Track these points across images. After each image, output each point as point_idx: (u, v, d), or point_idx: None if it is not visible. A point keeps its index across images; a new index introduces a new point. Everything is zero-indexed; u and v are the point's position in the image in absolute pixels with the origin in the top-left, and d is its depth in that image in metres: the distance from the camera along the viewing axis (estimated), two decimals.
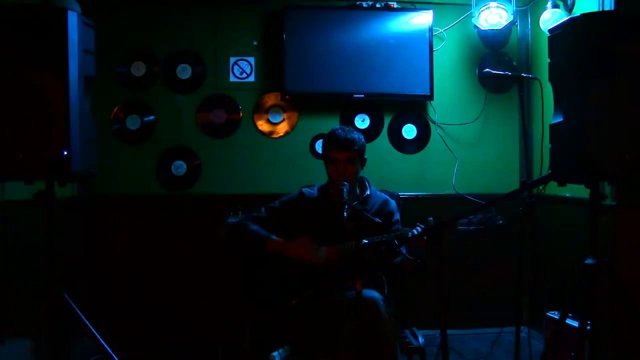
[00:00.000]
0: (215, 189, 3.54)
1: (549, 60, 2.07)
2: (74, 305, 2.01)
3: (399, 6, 3.54)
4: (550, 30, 2.08)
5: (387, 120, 3.64)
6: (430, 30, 3.52)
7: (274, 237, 2.43)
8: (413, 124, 3.65)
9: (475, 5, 3.45)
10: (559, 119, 1.99)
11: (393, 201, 2.62)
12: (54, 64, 1.92)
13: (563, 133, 1.97)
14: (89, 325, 2.03)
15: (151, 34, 3.53)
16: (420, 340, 2.43)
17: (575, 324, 2.36)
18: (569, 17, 2.00)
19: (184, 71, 3.53)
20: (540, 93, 2.64)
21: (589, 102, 1.88)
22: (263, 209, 2.55)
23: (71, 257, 3.26)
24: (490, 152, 3.70)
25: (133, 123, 3.51)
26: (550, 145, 2.05)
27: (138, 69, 3.51)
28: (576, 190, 2.93)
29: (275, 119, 3.58)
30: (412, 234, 2.28)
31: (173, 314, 3.47)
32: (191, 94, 3.54)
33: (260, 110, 3.58)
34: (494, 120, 3.70)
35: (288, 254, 2.38)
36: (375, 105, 3.63)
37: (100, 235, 3.49)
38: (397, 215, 2.58)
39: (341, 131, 2.47)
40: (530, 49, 3.70)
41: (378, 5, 3.51)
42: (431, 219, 2.28)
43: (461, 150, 3.65)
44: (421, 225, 2.29)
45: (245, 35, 3.55)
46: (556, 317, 2.79)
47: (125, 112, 3.51)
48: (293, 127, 3.59)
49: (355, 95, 3.48)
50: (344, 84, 3.48)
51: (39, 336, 2.51)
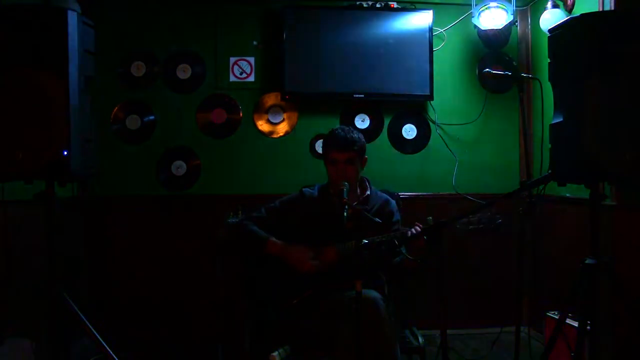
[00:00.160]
0: (215, 189, 3.54)
1: (549, 60, 2.07)
2: (73, 305, 2.01)
3: (399, 6, 3.54)
4: (550, 30, 2.08)
5: (387, 120, 3.64)
6: (430, 30, 3.52)
7: (273, 239, 2.42)
8: (413, 124, 3.65)
9: (475, 5, 3.45)
10: (559, 119, 1.99)
11: (393, 201, 2.61)
12: (54, 64, 1.92)
13: (563, 133, 1.97)
14: (89, 325, 2.03)
15: (151, 34, 3.53)
16: (420, 340, 2.42)
17: (575, 324, 2.36)
18: (569, 17, 2.01)
19: (184, 71, 3.53)
20: (540, 93, 2.63)
21: (589, 102, 1.88)
22: (263, 209, 2.55)
23: (71, 257, 3.26)
24: (490, 152, 3.70)
25: (133, 123, 3.51)
26: (550, 145, 2.05)
27: (138, 69, 3.51)
28: (576, 190, 2.93)
29: (275, 119, 3.58)
30: (412, 233, 2.28)
31: (173, 314, 3.47)
32: (191, 94, 3.54)
33: (260, 110, 3.57)
34: (493, 120, 3.70)
35: (285, 258, 2.38)
36: (375, 105, 3.63)
37: (100, 235, 3.49)
38: (398, 215, 2.58)
39: (341, 131, 2.47)
40: (530, 49, 3.70)
41: (378, 5, 3.51)
42: (430, 218, 2.27)
43: (461, 150, 3.65)
44: (421, 225, 2.29)
45: (245, 35, 3.55)
46: (556, 317, 2.79)
47: (125, 112, 3.51)
48: (293, 127, 3.59)
49: (355, 95, 3.48)
50: (344, 84, 3.48)
51: (39, 336, 2.51)
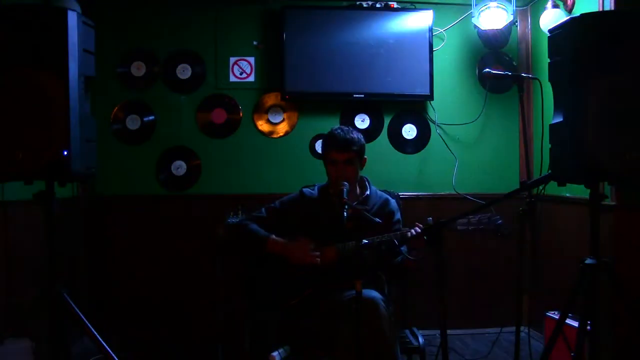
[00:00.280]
0: (215, 189, 3.55)
1: (549, 60, 2.07)
2: (73, 305, 2.00)
3: (399, 6, 3.54)
4: (550, 30, 2.07)
5: (387, 120, 3.64)
6: (430, 30, 3.52)
7: (273, 237, 2.42)
8: (413, 124, 3.65)
9: (475, 5, 3.45)
10: (559, 119, 1.99)
11: (394, 201, 2.60)
12: (54, 64, 1.92)
13: (563, 133, 1.97)
14: (88, 325, 2.02)
15: (151, 34, 3.53)
16: (420, 340, 2.42)
17: (575, 324, 2.36)
18: (569, 17, 2.00)
19: (184, 71, 3.53)
20: (540, 93, 2.63)
21: (589, 102, 1.87)
22: (263, 209, 2.55)
23: (71, 257, 3.26)
24: (490, 152, 3.70)
25: (133, 123, 3.51)
26: (550, 145, 2.05)
27: (138, 69, 3.51)
28: (576, 190, 2.94)
29: (275, 119, 3.58)
30: (412, 234, 2.27)
31: (173, 314, 3.47)
32: (191, 94, 3.55)
33: (260, 110, 3.58)
34: (493, 120, 3.70)
35: (287, 255, 2.38)
36: (375, 105, 3.63)
37: (100, 235, 3.49)
38: (398, 214, 2.57)
39: (340, 131, 2.46)
40: (530, 49, 3.70)
41: (378, 5, 3.52)
42: (430, 219, 2.27)
43: (461, 150, 3.65)
44: (421, 225, 2.28)
45: (245, 35, 3.55)
46: (556, 317, 2.79)
47: (125, 112, 3.51)
48: (293, 127, 3.59)
49: (355, 95, 3.49)
50: (344, 84, 3.48)
51: (39, 336, 2.51)
